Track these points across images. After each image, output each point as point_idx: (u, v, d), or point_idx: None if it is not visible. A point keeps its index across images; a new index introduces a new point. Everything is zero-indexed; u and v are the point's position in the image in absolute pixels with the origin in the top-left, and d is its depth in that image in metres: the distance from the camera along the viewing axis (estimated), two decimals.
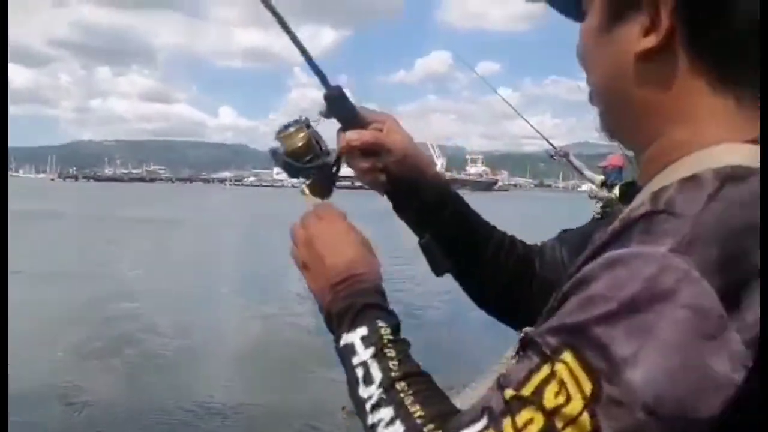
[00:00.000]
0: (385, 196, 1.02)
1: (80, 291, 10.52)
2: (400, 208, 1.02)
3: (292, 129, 0.95)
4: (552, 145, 8.36)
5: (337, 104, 0.95)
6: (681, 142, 0.61)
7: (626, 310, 0.48)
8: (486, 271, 1.01)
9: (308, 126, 0.96)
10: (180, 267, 14.38)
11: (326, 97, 0.94)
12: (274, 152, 0.97)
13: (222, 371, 6.81)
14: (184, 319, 8.95)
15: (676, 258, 0.48)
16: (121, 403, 5.80)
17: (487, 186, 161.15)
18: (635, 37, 0.61)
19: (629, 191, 0.66)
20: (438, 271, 0.99)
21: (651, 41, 0.60)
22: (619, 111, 0.68)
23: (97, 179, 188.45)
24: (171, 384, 6.35)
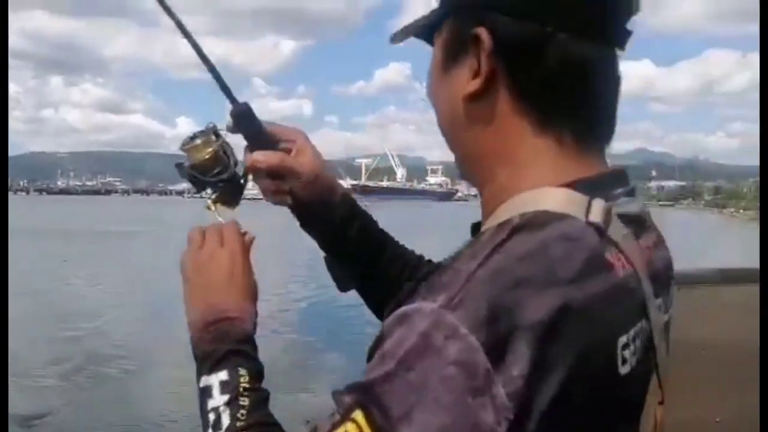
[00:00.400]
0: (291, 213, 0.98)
1: (37, 308, 10.24)
2: (305, 225, 0.99)
3: (198, 141, 0.89)
4: None
5: (244, 122, 0.90)
6: (506, 186, 0.61)
7: (403, 367, 0.49)
8: (392, 287, 0.96)
9: (217, 135, 0.90)
10: (140, 281, 14.10)
11: (233, 114, 0.90)
12: (179, 166, 0.91)
13: (185, 386, 6.74)
14: (146, 334, 8.81)
15: (447, 314, 0.49)
16: (81, 422, 5.69)
17: (448, 196, 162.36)
18: (465, 80, 0.62)
19: (475, 232, 0.66)
20: (341, 287, 0.99)
21: (475, 84, 0.61)
22: (458, 153, 0.68)
23: (50, 192, 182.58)
24: (133, 399, 6.26)
